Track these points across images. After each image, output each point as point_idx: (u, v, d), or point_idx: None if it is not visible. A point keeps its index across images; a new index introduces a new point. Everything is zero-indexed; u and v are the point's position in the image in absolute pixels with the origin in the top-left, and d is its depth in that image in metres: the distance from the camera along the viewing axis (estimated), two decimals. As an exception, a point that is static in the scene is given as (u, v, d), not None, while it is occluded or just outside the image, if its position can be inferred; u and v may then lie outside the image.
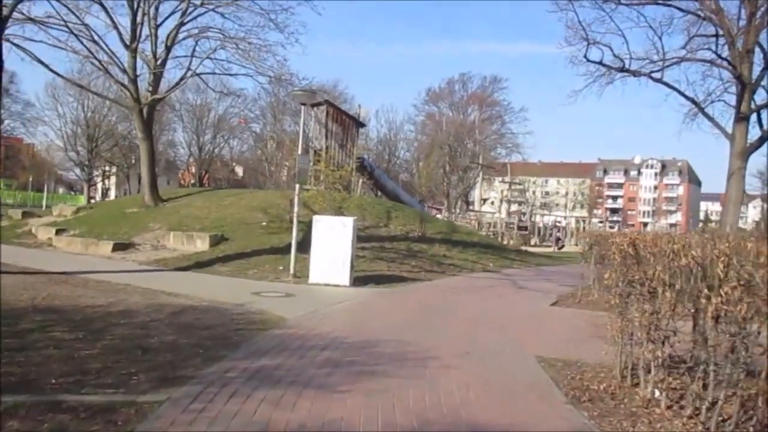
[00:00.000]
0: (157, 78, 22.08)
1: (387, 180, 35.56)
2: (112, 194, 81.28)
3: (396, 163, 72.95)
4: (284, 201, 20.66)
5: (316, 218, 14.04)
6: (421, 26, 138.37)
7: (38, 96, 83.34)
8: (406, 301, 12.23)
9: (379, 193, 32.97)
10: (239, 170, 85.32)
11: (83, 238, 18.44)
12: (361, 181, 30.74)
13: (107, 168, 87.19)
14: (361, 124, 32.66)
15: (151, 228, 19.27)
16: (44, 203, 52.02)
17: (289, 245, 14.65)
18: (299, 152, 14.42)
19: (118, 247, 17.30)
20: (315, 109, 32.07)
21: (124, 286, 11.82)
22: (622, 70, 22.72)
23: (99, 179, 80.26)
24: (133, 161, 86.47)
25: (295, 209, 14.32)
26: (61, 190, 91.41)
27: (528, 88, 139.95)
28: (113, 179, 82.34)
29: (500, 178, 72.07)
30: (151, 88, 21.99)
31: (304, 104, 14.44)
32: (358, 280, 14.12)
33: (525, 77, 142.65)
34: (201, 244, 17.31)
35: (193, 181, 73.36)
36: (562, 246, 44.98)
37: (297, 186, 14.35)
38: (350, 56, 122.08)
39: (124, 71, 21.09)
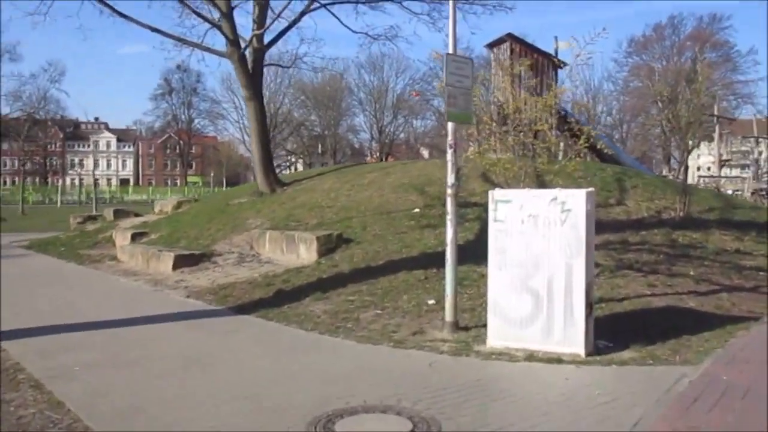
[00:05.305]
0: (262, 10, 15.40)
1: (602, 139, 26.06)
2: (298, 185, 79.70)
3: (596, 129, 61.92)
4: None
5: (495, 195, 6.08)
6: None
7: (215, 90, 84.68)
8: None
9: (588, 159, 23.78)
10: (425, 152, 79.72)
11: (152, 246, 12.30)
12: (562, 144, 21.86)
13: (291, 158, 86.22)
14: (561, 64, 23.64)
15: (249, 226, 12.63)
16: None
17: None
18: (449, 50, 6.38)
19: (184, 262, 10.78)
20: (494, 49, 23.92)
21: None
22: None
23: (283, 170, 79.28)
24: (319, 151, 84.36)
25: (449, 179, 6.47)
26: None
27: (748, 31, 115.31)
28: (300, 168, 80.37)
29: (738, 136, 57.41)
30: (255, 27, 15.38)
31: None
32: (600, 333, 6.01)
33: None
34: (305, 253, 10.17)
35: (377, 167, 69.39)
36: None
37: (450, 126, 6.44)
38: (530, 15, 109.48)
39: (213, 3, 14.68)
